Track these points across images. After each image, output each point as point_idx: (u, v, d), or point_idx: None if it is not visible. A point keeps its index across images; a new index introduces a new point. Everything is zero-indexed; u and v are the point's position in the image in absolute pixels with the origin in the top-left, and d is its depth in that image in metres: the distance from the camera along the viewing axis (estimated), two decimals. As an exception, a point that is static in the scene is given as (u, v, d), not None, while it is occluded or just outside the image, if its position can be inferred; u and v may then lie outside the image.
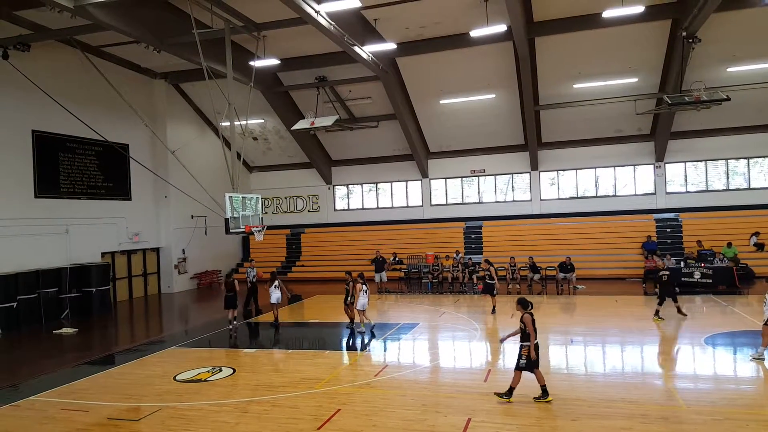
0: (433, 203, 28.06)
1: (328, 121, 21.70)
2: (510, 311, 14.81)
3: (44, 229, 18.46)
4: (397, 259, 25.39)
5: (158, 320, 19.61)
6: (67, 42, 18.28)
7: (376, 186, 29.11)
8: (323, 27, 16.10)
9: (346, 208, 29.63)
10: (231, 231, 15.31)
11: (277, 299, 15.78)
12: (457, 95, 23.51)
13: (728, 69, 20.66)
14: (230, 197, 15.31)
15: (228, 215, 15.11)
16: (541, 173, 26.35)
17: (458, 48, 20.58)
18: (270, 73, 23.15)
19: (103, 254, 21.06)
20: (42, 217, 18.45)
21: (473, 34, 17.86)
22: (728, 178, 24.45)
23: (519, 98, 23.03)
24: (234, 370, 10.90)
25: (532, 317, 8.52)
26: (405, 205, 28.54)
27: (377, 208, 29.00)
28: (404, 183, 28.51)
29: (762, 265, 21.14)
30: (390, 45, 19.31)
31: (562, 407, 8.17)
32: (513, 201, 26.93)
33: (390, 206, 28.79)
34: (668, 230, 24.17)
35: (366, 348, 12.84)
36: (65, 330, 15.91)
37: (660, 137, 23.98)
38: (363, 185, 29.32)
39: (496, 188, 27.27)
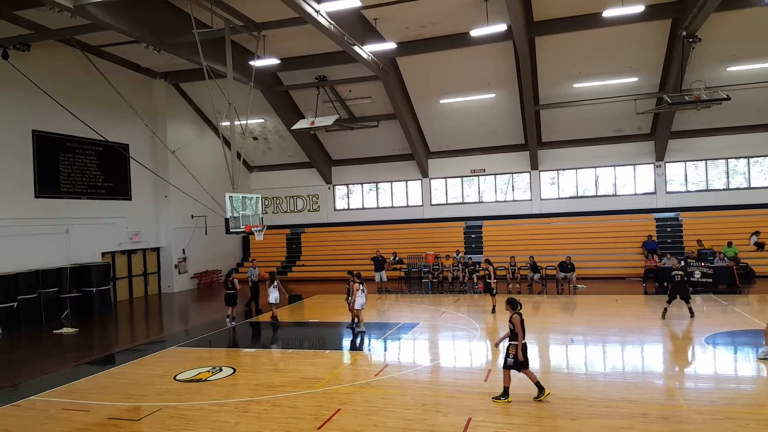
0: (433, 203, 28.06)
1: (328, 121, 21.69)
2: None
3: (44, 229, 18.46)
4: (397, 259, 25.39)
5: (158, 320, 19.61)
6: (67, 42, 18.27)
7: (376, 186, 29.11)
8: (323, 27, 16.09)
9: (346, 208, 29.63)
10: (231, 231, 15.31)
11: (276, 299, 15.82)
12: (457, 95, 23.51)
13: (728, 68, 20.66)
14: (230, 197, 15.31)
15: (228, 215, 15.11)
16: (541, 173, 26.35)
17: (458, 47, 20.58)
18: (270, 73, 23.15)
19: (104, 254, 21.07)
20: (42, 217, 18.45)
21: (473, 34, 17.87)
22: (728, 178, 24.45)
23: (519, 98, 23.03)
24: (234, 370, 10.90)
25: (521, 317, 8.55)
26: (405, 205, 28.55)
27: (377, 208, 29.01)
28: (404, 183, 28.51)
29: (762, 265, 21.17)
30: (390, 45, 19.31)
31: (563, 407, 8.17)
32: (513, 200, 26.94)
33: (390, 206, 28.80)
34: (668, 230, 24.18)
35: (360, 345, 12.84)
36: (65, 330, 15.92)
37: (660, 137, 23.98)
38: (363, 185, 29.32)
39: (496, 188, 27.27)
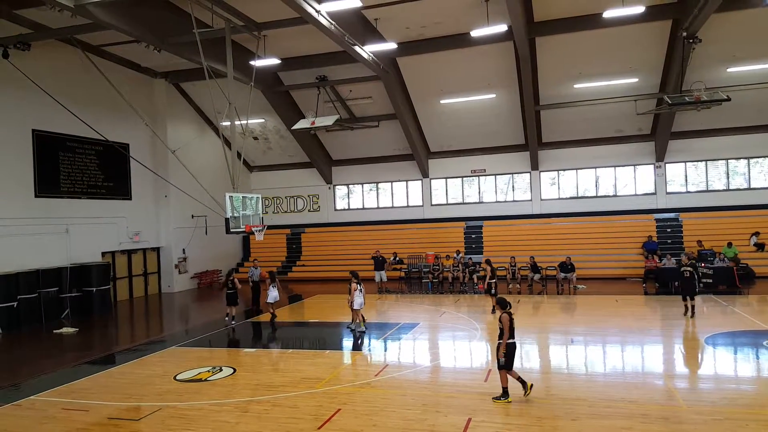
0: (434, 203, 28.06)
1: (329, 121, 21.69)
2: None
3: (44, 229, 18.46)
4: (398, 259, 25.40)
5: (158, 320, 19.61)
6: (68, 41, 18.27)
7: (377, 186, 29.11)
8: (324, 27, 16.10)
9: (347, 208, 29.63)
10: (231, 231, 15.31)
11: (274, 298, 15.84)
12: (458, 95, 23.50)
13: (728, 69, 20.66)
14: (230, 197, 15.31)
15: (228, 215, 15.11)
16: (542, 173, 26.35)
17: (459, 48, 20.57)
18: (270, 73, 23.15)
19: (104, 254, 21.06)
20: (42, 217, 18.45)
21: (474, 34, 17.86)
22: (728, 178, 24.45)
23: (519, 98, 23.02)
24: (234, 370, 10.90)
25: (510, 317, 8.56)
26: (405, 205, 28.55)
27: (378, 208, 29.01)
28: (405, 183, 28.51)
29: (762, 265, 21.18)
30: (390, 45, 19.31)
31: (563, 407, 8.17)
32: (513, 201, 26.93)
33: (390, 206, 28.79)
34: (668, 230, 24.18)
35: (360, 345, 12.84)
36: (66, 329, 15.91)
37: (660, 137, 23.98)
38: (363, 185, 29.32)
39: (497, 188, 27.26)
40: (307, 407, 8.56)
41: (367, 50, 19.08)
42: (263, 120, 26.72)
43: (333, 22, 16.43)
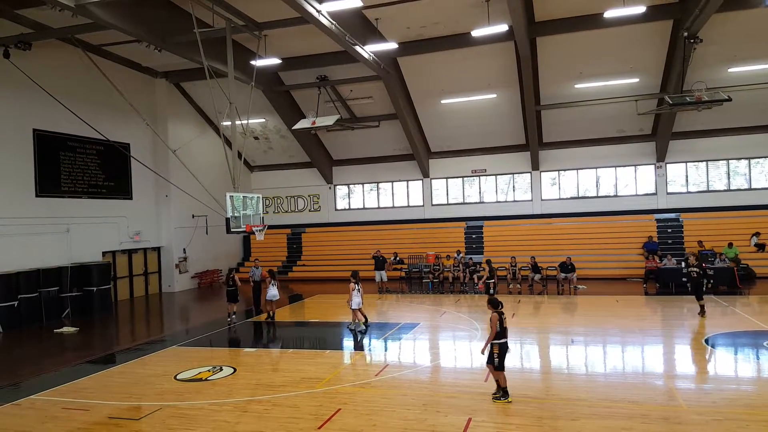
0: (434, 203, 28.06)
1: (329, 121, 21.68)
2: (511, 311, 14.78)
3: (45, 228, 18.47)
4: (398, 259, 25.39)
5: (159, 319, 19.61)
6: (69, 41, 18.25)
7: (377, 186, 29.11)
8: (324, 26, 16.09)
9: (347, 208, 29.63)
10: (232, 230, 15.31)
11: (273, 296, 15.85)
12: (459, 95, 23.50)
13: (729, 69, 20.64)
14: (231, 196, 15.32)
15: (229, 214, 15.12)
16: (542, 173, 26.34)
17: (459, 48, 20.57)
18: (271, 73, 23.16)
19: (104, 253, 21.07)
20: (43, 216, 18.46)
21: (474, 34, 17.85)
22: (729, 179, 24.43)
23: (520, 98, 23.01)
24: (234, 370, 10.90)
25: (500, 317, 8.56)
26: (406, 205, 28.55)
27: (378, 208, 29.01)
28: (405, 183, 28.51)
29: (763, 266, 21.16)
30: (391, 45, 19.31)
31: (563, 407, 8.17)
32: (514, 201, 26.93)
33: (391, 206, 28.79)
34: (669, 230, 24.16)
35: (360, 345, 12.84)
36: (66, 329, 15.93)
37: (661, 137, 23.97)
38: (364, 185, 29.32)
39: (497, 188, 27.26)
40: (307, 407, 8.56)
41: (368, 50, 19.07)
42: (264, 120, 26.72)
43: (333, 22, 16.43)
